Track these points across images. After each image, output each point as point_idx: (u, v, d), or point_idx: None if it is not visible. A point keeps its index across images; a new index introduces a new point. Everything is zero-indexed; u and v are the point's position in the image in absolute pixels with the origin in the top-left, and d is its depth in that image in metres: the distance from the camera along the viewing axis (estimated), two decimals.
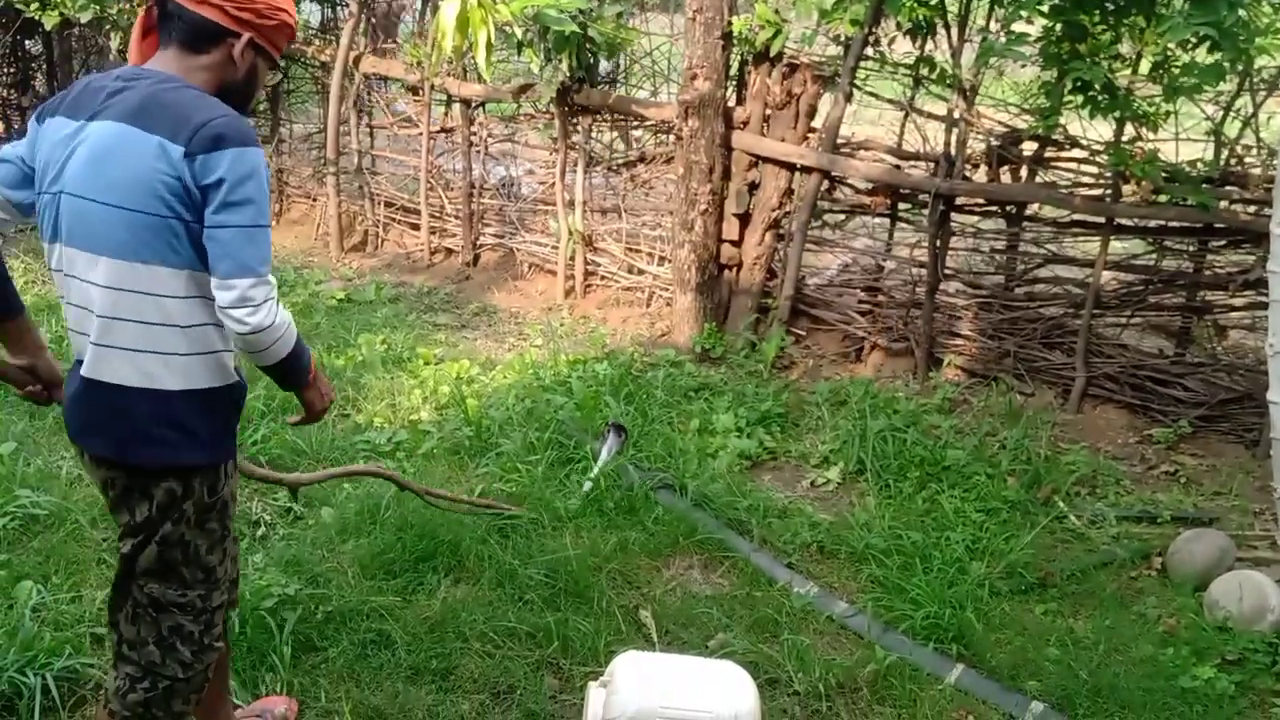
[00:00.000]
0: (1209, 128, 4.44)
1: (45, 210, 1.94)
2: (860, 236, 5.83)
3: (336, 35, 6.79)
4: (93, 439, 1.98)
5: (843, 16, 4.77)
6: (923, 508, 3.99)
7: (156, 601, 2.04)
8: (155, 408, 1.92)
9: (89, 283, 1.88)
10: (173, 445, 1.94)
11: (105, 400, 1.92)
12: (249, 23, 1.94)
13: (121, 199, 1.83)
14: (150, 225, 1.84)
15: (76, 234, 1.88)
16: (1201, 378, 4.71)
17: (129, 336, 1.89)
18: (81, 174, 1.87)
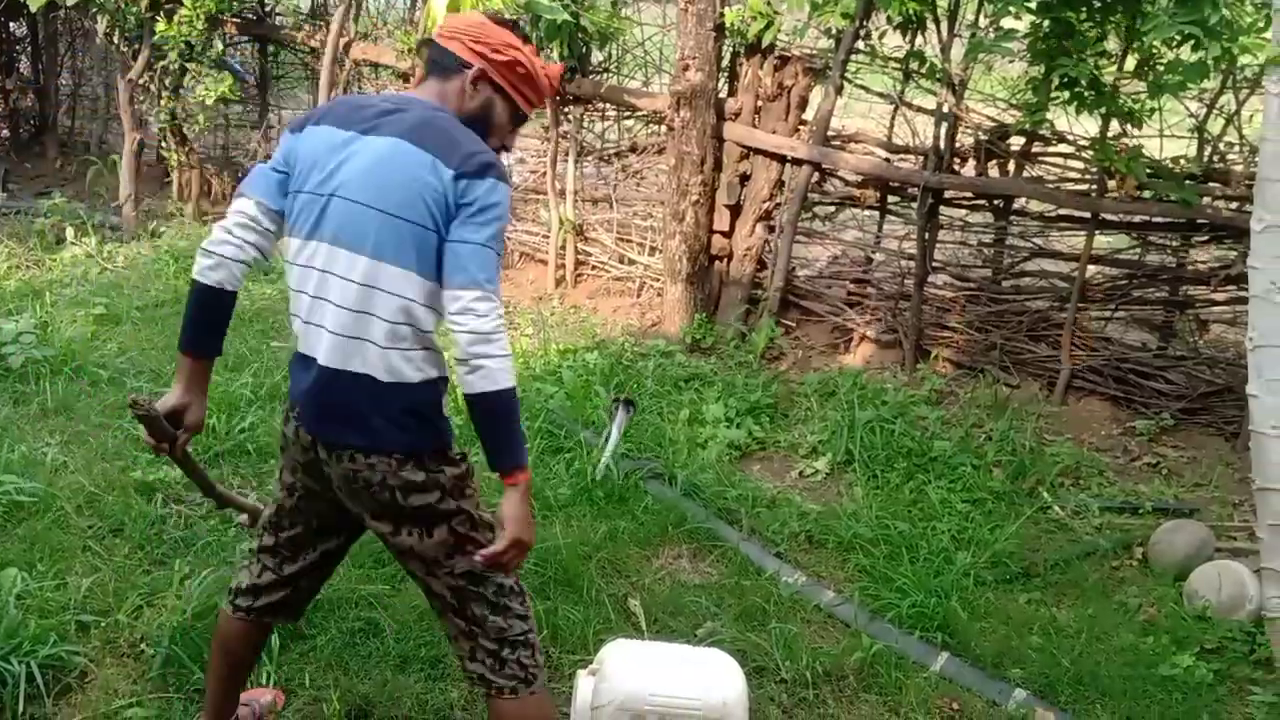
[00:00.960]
0: (1193, 125, 4.50)
1: (305, 209, 2.05)
2: (850, 229, 5.87)
3: (327, 21, 6.75)
4: (340, 429, 2.03)
5: (834, 10, 4.79)
6: (910, 498, 4.05)
7: (470, 575, 2.10)
8: (402, 397, 2.01)
9: (346, 279, 1.99)
10: (422, 430, 2.03)
11: (351, 388, 2.00)
12: (482, 55, 2.10)
13: (392, 206, 1.97)
14: (412, 233, 1.97)
15: (344, 234, 2.00)
16: (1183, 371, 4.78)
17: (377, 332, 1.98)
18: (357, 180, 2.01)
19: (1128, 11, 3.86)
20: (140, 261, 6.04)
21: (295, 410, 2.11)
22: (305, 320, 2.06)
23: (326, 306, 2.01)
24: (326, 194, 2.03)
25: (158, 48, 6.36)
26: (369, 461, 2.01)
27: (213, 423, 4.01)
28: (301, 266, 2.06)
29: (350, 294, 1.99)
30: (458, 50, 2.11)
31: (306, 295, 2.05)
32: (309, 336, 2.06)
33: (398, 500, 2.04)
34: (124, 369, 4.49)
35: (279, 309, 5.50)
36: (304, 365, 2.08)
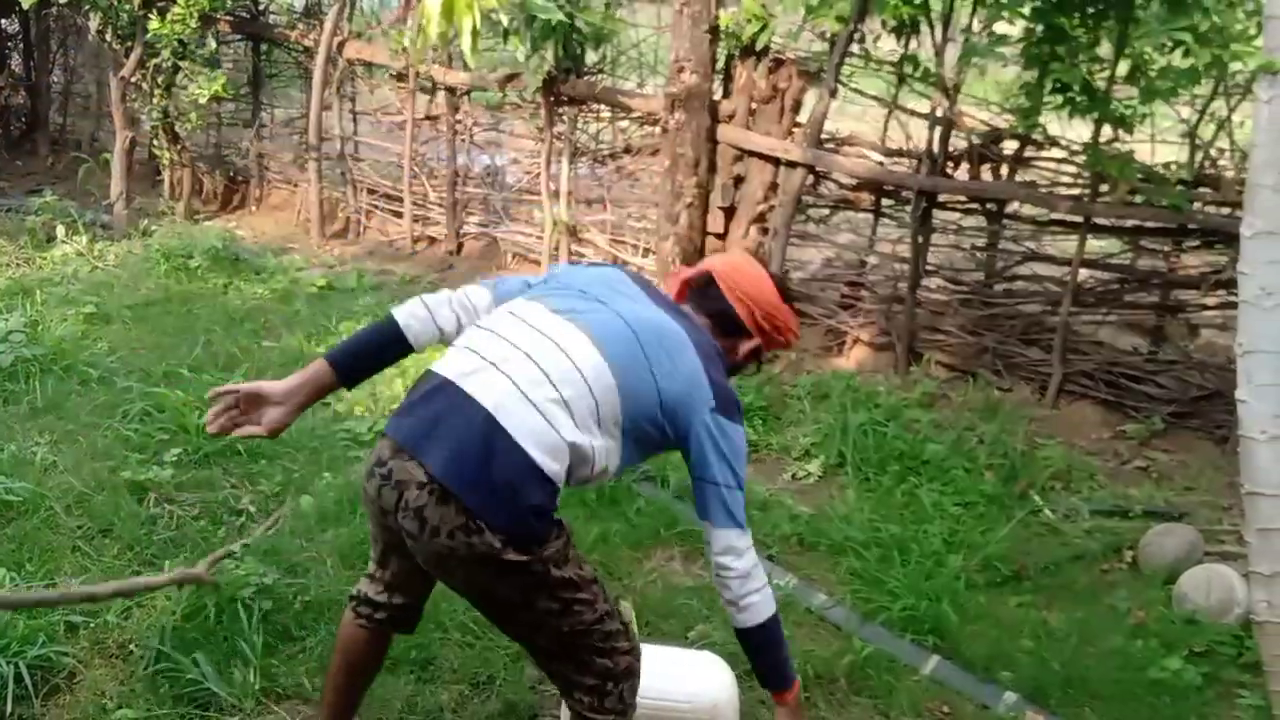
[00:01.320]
0: (1185, 130, 4.51)
1: (563, 292, 2.11)
2: (844, 231, 5.87)
3: (320, 20, 6.74)
4: (466, 483, 1.89)
5: (828, 13, 4.80)
6: (902, 501, 4.05)
7: (574, 632, 2.04)
8: (540, 484, 1.91)
9: (566, 354, 1.97)
10: (538, 522, 1.94)
11: (495, 446, 1.89)
12: (764, 331, 2.23)
13: (654, 361, 2.00)
14: (648, 392, 2.00)
15: (595, 329, 2.01)
16: (1174, 375, 4.79)
17: (560, 418, 1.93)
18: (634, 315, 2.05)
19: (1120, 17, 3.88)
20: (131, 260, 6.02)
21: (395, 452, 1.96)
22: (481, 354, 1.99)
23: (526, 361, 1.96)
24: (595, 297, 2.08)
25: (150, 45, 6.34)
26: (468, 540, 1.89)
27: (201, 422, 3.99)
28: (518, 318, 2.05)
29: (560, 369, 1.95)
30: (744, 317, 2.20)
31: (500, 336, 2.01)
32: (481, 378, 1.96)
33: (493, 579, 1.95)
34: (114, 368, 4.47)
35: (270, 309, 5.49)
36: (444, 394, 1.96)
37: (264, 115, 7.34)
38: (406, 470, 1.93)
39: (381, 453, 1.99)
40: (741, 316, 2.20)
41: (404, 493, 1.93)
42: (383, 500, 1.97)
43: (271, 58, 7.48)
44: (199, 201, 7.30)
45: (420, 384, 2.04)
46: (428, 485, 1.90)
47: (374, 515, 2.07)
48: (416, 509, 1.91)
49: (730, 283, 2.21)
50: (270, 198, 7.42)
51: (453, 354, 2.05)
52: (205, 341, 4.84)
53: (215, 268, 5.88)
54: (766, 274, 2.28)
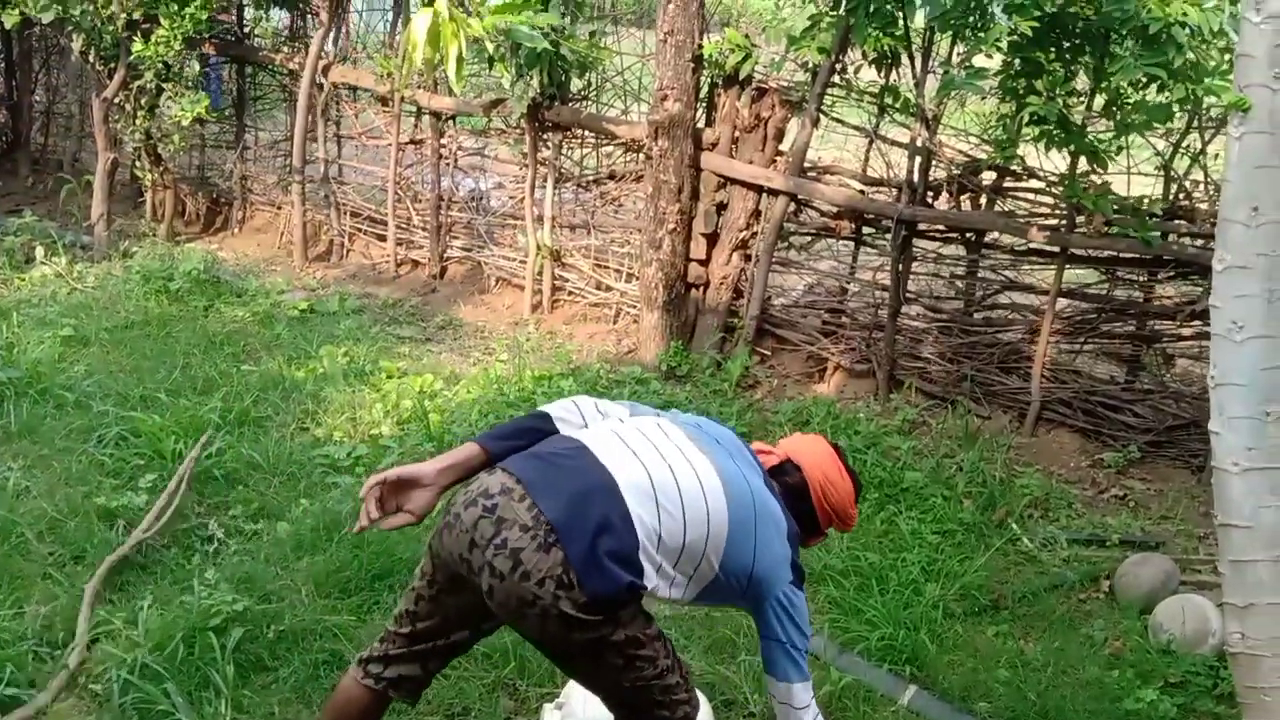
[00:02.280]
0: (1160, 163, 4.57)
1: (689, 423, 2.23)
2: (825, 258, 5.90)
3: (306, 43, 6.76)
4: (575, 538, 1.94)
5: (810, 44, 4.85)
6: (881, 529, 4.06)
7: (638, 688, 2.09)
8: (634, 571, 1.98)
9: (697, 474, 2.09)
10: (630, 594, 1.99)
11: (615, 521, 1.97)
12: (831, 519, 2.34)
13: (761, 531, 2.13)
14: (741, 560, 2.11)
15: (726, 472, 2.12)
16: (1151, 404, 4.83)
17: (671, 533, 2.02)
18: (750, 477, 2.17)
19: (1095, 52, 3.94)
20: (111, 282, 5.99)
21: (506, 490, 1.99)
22: (625, 442, 2.08)
23: (664, 466, 2.06)
24: (724, 445, 2.20)
25: (134, 67, 6.33)
26: (556, 592, 1.92)
27: (178, 447, 3.98)
28: (662, 430, 2.15)
29: (689, 489, 2.05)
30: (824, 523, 2.33)
31: (648, 440, 2.10)
32: (616, 452, 2.05)
33: (564, 631, 1.97)
34: (91, 392, 4.44)
35: (251, 333, 5.47)
36: (581, 458, 2.04)
37: (248, 137, 7.34)
38: (514, 510, 1.96)
39: (491, 486, 2.01)
40: (822, 523, 2.33)
41: (502, 530, 1.95)
42: (478, 531, 1.97)
43: (256, 80, 7.48)
44: (181, 223, 7.28)
45: (553, 441, 2.12)
46: (533, 529, 1.93)
47: (452, 546, 2.02)
48: (514, 550, 1.93)
49: (822, 492, 2.30)
50: (253, 220, 7.41)
51: (598, 432, 2.14)
52: (184, 365, 4.82)
53: (196, 290, 5.86)
54: (849, 479, 2.35)
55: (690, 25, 5.24)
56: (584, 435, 2.11)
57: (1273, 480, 2.83)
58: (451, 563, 2.04)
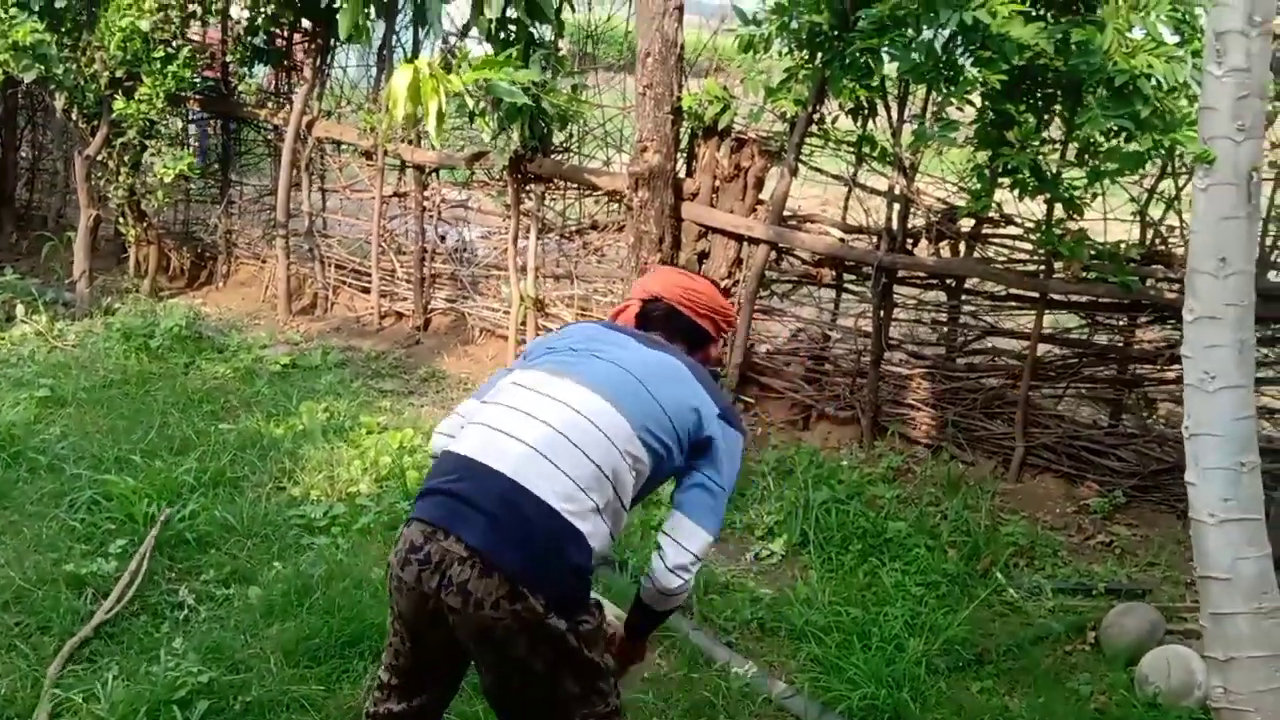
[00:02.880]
0: (1135, 209, 4.59)
1: (551, 355, 2.26)
2: (807, 305, 5.90)
3: (290, 99, 6.81)
4: (505, 551, 1.96)
5: (787, 96, 4.88)
6: (864, 581, 4.01)
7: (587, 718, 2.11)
8: (576, 542, 2.01)
9: (575, 410, 2.10)
10: (577, 579, 2.04)
11: (528, 510, 1.99)
12: (722, 331, 2.51)
13: (663, 397, 2.17)
14: (659, 426, 2.14)
15: (597, 381, 2.15)
16: (1135, 449, 4.80)
17: (582, 473, 2.04)
18: (623, 357, 2.22)
19: (1066, 102, 3.96)
20: (91, 340, 5.97)
21: (428, 535, 2.01)
22: (494, 428, 2.10)
23: (536, 424, 2.08)
24: (588, 351, 2.23)
25: (117, 124, 6.37)
26: (513, 607, 1.95)
27: (150, 511, 3.93)
28: (520, 386, 2.17)
29: (571, 423, 2.08)
30: (710, 329, 2.47)
31: (512, 409, 2.12)
32: (492, 444, 2.07)
33: (530, 650, 2.00)
34: (65, 454, 4.39)
35: (231, 389, 5.44)
36: (468, 473, 2.05)
37: (232, 192, 7.36)
38: (445, 549, 1.99)
39: (414, 539, 2.04)
40: (708, 329, 2.46)
41: (447, 571, 1.98)
42: (424, 585, 2.00)
43: (241, 135, 7.53)
44: (165, 278, 7.27)
45: (440, 467, 2.13)
46: (469, 559, 1.96)
47: (407, 606, 2.07)
48: (460, 584, 1.96)
49: (689, 302, 2.44)
50: (238, 273, 7.41)
51: (466, 432, 2.15)
52: (161, 424, 4.78)
53: (177, 346, 5.84)
54: (705, 279, 2.60)
55: (669, 78, 5.28)
56: (459, 446, 2.12)
57: (1250, 531, 2.81)
58: (415, 619, 2.08)
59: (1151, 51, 3.29)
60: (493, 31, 5.72)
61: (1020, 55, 3.58)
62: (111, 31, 5.95)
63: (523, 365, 2.28)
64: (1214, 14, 2.64)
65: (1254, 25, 2.61)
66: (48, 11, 6.07)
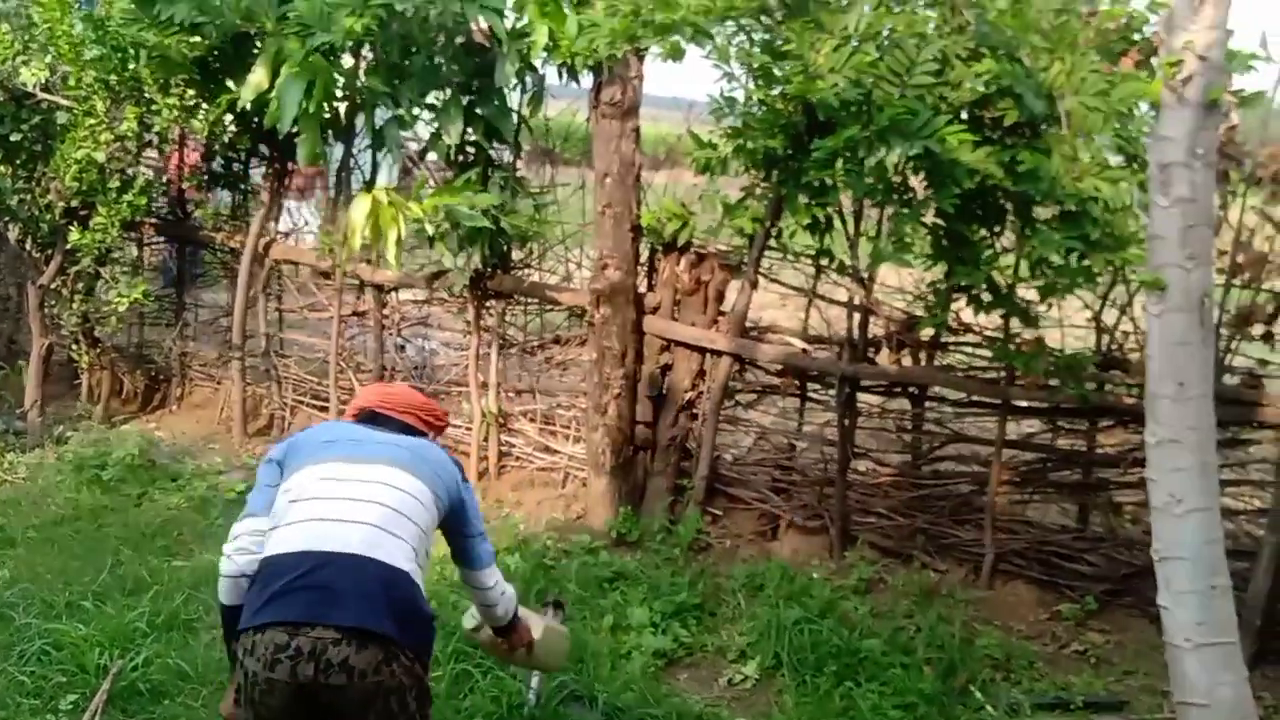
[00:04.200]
0: (1089, 316, 4.69)
1: (334, 448, 2.53)
2: (771, 414, 5.91)
3: (247, 221, 6.81)
4: (380, 620, 2.20)
5: (744, 215, 4.98)
6: (840, 705, 3.94)
7: None
8: (421, 595, 2.38)
9: (393, 487, 2.43)
10: (430, 628, 2.43)
11: (385, 578, 2.27)
12: (432, 425, 2.83)
13: (435, 465, 2.58)
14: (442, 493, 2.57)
15: (396, 459, 2.49)
16: (1103, 553, 4.82)
17: (410, 536, 2.38)
18: (392, 440, 2.60)
19: (1018, 220, 4.07)
20: (42, 472, 5.80)
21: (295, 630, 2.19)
22: (321, 519, 2.33)
23: (360, 504, 2.36)
24: (361, 441, 2.58)
25: (71, 253, 6.31)
26: (391, 668, 2.22)
27: (102, 661, 3.77)
28: (326, 479, 2.41)
29: (392, 497, 2.40)
30: (419, 425, 2.77)
31: (329, 500, 2.37)
32: (328, 534, 2.30)
33: (403, 702, 2.26)
34: (13, 602, 4.22)
35: (185, 520, 5.29)
36: (316, 565, 2.25)
37: (188, 315, 7.29)
38: (315, 638, 2.18)
39: (277, 640, 2.19)
40: (417, 425, 2.75)
41: (323, 655, 2.17)
42: (299, 677, 2.17)
43: (196, 258, 7.49)
44: (118, 402, 7.13)
45: (281, 570, 2.27)
46: (345, 639, 2.18)
47: (279, 702, 2.21)
48: (341, 662, 2.18)
49: (389, 407, 2.75)
50: (192, 396, 7.29)
51: (290, 533, 2.33)
52: (113, 564, 4.62)
53: (130, 477, 5.69)
54: (407, 387, 3.07)
55: (627, 196, 5.37)
56: (291, 546, 2.30)
57: (1225, 655, 2.80)
58: (286, 711, 2.23)
59: (1097, 175, 3.39)
60: (451, 155, 5.80)
61: (971, 180, 3.68)
62: (67, 163, 5.93)
63: (307, 462, 2.50)
64: (1156, 147, 2.74)
65: (1196, 158, 2.71)
66: (3, 144, 6.06)
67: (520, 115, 5.85)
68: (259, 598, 2.25)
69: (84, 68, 5.78)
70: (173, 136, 6.49)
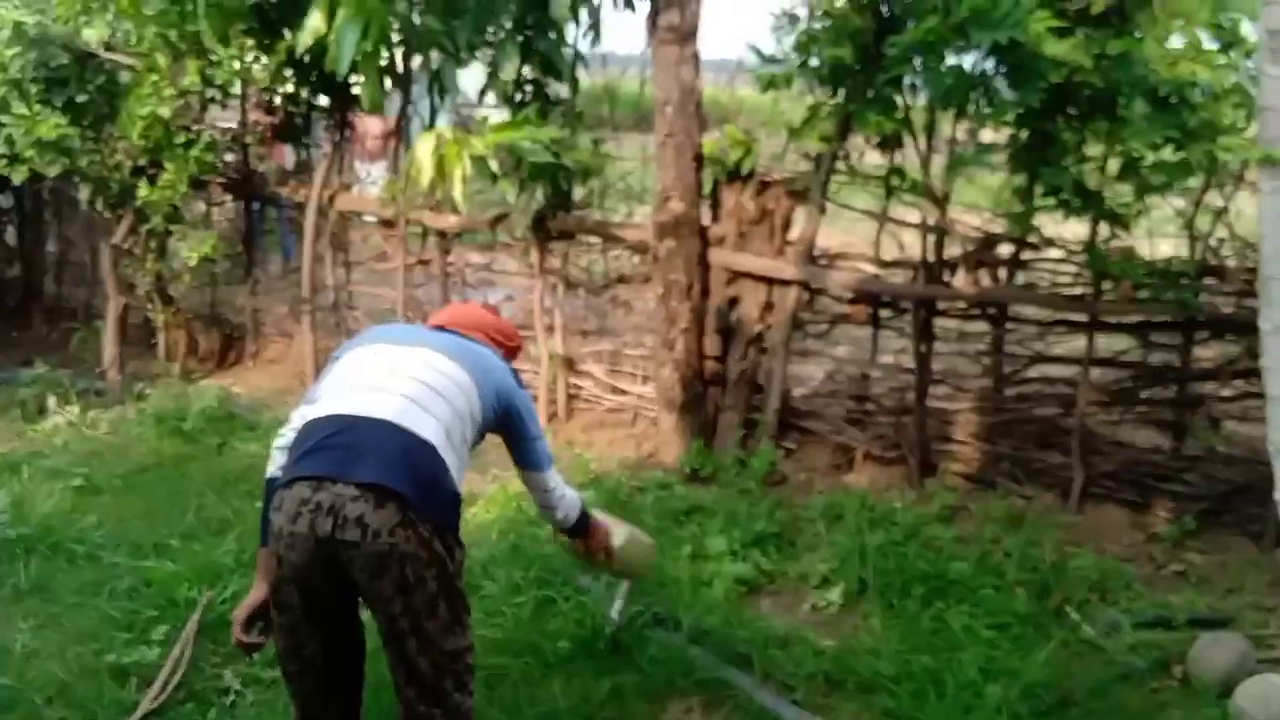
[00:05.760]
0: (1182, 223, 4.45)
1: (390, 334, 2.64)
2: (845, 345, 5.76)
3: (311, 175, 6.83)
4: (399, 482, 2.20)
5: (811, 134, 4.82)
6: (930, 627, 3.83)
7: (453, 653, 2.35)
8: (449, 475, 2.34)
9: (430, 365, 2.43)
10: (454, 507, 2.35)
11: (412, 448, 2.26)
12: (503, 346, 2.80)
13: (485, 362, 2.59)
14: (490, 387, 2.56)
15: (436, 346, 2.51)
16: (1201, 471, 4.62)
17: (445, 415, 2.36)
18: (445, 337, 2.62)
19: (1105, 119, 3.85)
20: (124, 426, 5.91)
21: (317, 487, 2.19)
22: (363, 389, 2.35)
23: (403, 378, 2.37)
24: (415, 332, 2.66)
25: (141, 212, 6.39)
26: (406, 533, 2.19)
27: (191, 595, 3.83)
28: (372, 354, 2.48)
29: (432, 378, 2.40)
30: (487, 342, 2.73)
31: (371, 371, 2.41)
32: (365, 401, 2.32)
33: (420, 574, 2.22)
34: (102, 543, 4.30)
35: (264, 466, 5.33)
36: (348, 427, 2.27)
37: (258, 271, 7.36)
38: (336, 493, 2.19)
39: (302, 494, 2.21)
40: (485, 342, 2.71)
41: (341, 511, 2.18)
42: (318, 529, 2.18)
43: (265, 214, 7.55)
44: (195, 361, 7.25)
45: (313, 432, 2.31)
46: (362, 495, 2.18)
47: (300, 558, 2.22)
48: (357, 518, 2.17)
49: (457, 324, 2.75)
50: (266, 352, 7.38)
51: (331, 402, 2.36)
52: (197, 507, 4.69)
53: (210, 428, 5.78)
54: (479, 307, 3.03)
55: (689, 125, 5.23)
56: (330, 409, 2.33)
57: None
58: (307, 569, 2.23)
59: (1194, 60, 3.18)
60: (509, 93, 5.73)
61: (1057, 73, 3.48)
62: (133, 121, 5.99)
63: (355, 347, 2.57)
64: (1267, 12, 2.54)
65: None
66: (70, 106, 6.13)
67: (576, 50, 5.75)
68: (291, 459, 2.33)
69: (144, 23, 5.81)
70: (234, 91, 6.51)
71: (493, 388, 2.54)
